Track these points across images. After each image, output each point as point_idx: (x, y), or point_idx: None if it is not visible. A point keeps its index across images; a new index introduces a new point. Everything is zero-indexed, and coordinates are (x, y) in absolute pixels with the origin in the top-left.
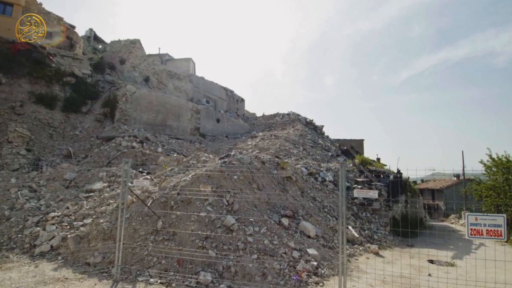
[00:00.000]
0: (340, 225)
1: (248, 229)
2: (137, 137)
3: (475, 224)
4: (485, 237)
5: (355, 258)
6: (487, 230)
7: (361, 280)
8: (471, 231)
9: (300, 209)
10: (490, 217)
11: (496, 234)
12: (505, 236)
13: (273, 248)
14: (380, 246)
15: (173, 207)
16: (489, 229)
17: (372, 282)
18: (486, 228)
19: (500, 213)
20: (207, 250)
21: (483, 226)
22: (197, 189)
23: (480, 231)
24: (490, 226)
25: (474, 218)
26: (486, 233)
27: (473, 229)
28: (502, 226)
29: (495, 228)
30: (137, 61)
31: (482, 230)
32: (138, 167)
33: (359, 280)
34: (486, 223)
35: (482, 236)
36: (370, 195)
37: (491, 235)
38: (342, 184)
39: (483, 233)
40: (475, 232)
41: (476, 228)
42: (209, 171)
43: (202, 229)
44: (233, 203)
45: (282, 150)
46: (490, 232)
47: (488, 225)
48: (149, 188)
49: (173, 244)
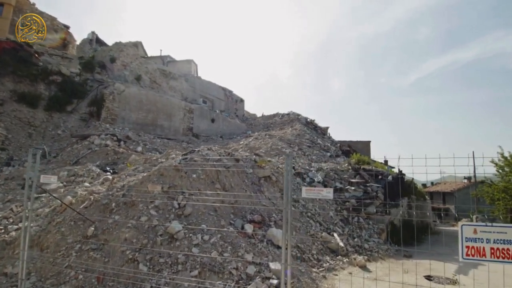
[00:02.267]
0: (284, 236)
1: (196, 237)
2: (115, 136)
3: (474, 240)
4: (489, 259)
5: (334, 273)
6: (492, 248)
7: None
8: (467, 250)
9: (274, 213)
10: (498, 228)
11: (506, 256)
12: None
13: (222, 262)
14: (369, 258)
15: (113, 210)
16: (496, 247)
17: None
18: (490, 246)
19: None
20: (138, 264)
21: (486, 242)
22: (145, 190)
23: (481, 250)
24: (498, 242)
25: (472, 230)
26: (491, 253)
27: (469, 247)
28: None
29: (506, 246)
30: (128, 59)
31: (484, 248)
32: (105, 166)
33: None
34: (491, 238)
35: (484, 258)
36: (323, 194)
37: (498, 257)
38: (287, 179)
39: (486, 253)
40: (473, 252)
41: (475, 246)
42: (163, 168)
43: (138, 238)
44: (185, 206)
45: (273, 150)
46: (497, 252)
47: (493, 241)
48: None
49: (100, 255)
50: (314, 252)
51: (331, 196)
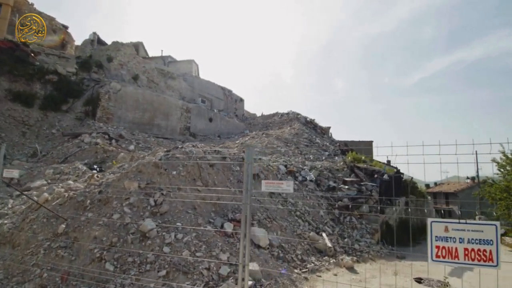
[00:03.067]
0: (242, 232)
1: (169, 236)
2: (107, 134)
3: (445, 239)
4: (462, 261)
5: (317, 275)
6: (466, 249)
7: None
8: (437, 251)
9: (259, 212)
10: (473, 226)
11: (483, 258)
12: (498, 261)
13: (193, 262)
14: (359, 259)
15: (87, 208)
16: (470, 248)
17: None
18: (463, 246)
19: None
20: (105, 263)
21: (459, 242)
22: (122, 187)
23: (453, 251)
24: (472, 242)
25: (442, 227)
26: (464, 255)
27: (439, 247)
28: (494, 243)
29: (482, 247)
30: (126, 59)
31: (457, 249)
32: (93, 164)
33: None
34: (465, 237)
35: (456, 261)
36: (283, 188)
37: (472, 259)
38: (247, 173)
39: (459, 255)
40: (443, 253)
41: (446, 246)
42: (141, 165)
43: (108, 236)
44: (162, 203)
45: (268, 148)
46: (472, 253)
47: (468, 240)
48: (74, 186)
49: (68, 253)
50: (299, 252)
51: (291, 189)
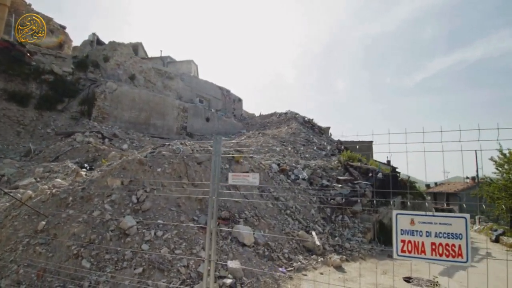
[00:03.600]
0: (208, 227)
1: (149, 233)
2: (100, 133)
3: (411, 233)
4: (429, 257)
5: (303, 273)
6: (433, 244)
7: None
8: (403, 245)
9: (247, 210)
10: (440, 219)
11: (450, 253)
12: (468, 257)
13: (171, 260)
14: (348, 258)
15: (69, 205)
16: (437, 242)
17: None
18: (430, 240)
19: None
20: (81, 260)
21: (426, 236)
22: (105, 184)
23: (419, 246)
24: (440, 236)
25: (408, 220)
26: (431, 249)
27: (405, 241)
28: (463, 236)
29: (449, 241)
30: (122, 58)
31: (424, 243)
32: (84, 163)
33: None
34: (432, 230)
35: (423, 256)
36: (249, 180)
37: (440, 254)
38: (215, 165)
39: (426, 249)
40: (409, 247)
41: (412, 240)
42: (126, 162)
43: (86, 232)
44: (144, 201)
45: (264, 147)
46: (440, 248)
47: (435, 234)
48: (58, 183)
49: (45, 250)
50: (286, 251)
51: (257, 182)
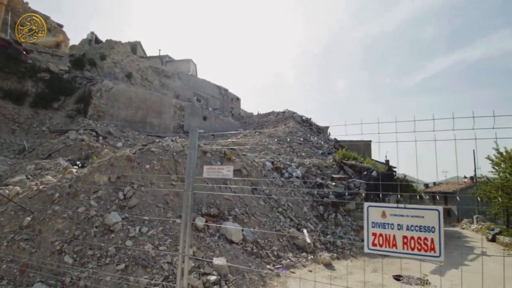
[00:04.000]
0: (183, 221)
1: (133, 230)
2: (94, 131)
3: (382, 226)
4: (400, 251)
5: (291, 271)
6: (405, 237)
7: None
8: (374, 238)
9: (237, 207)
10: (412, 211)
11: (423, 247)
12: (441, 251)
13: (155, 256)
14: (339, 255)
15: (55, 201)
16: (409, 236)
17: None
18: (402, 234)
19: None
20: (64, 255)
21: (398, 229)
22: (92, 180)
23: (391, 239)
24: (412, 229)
25: (380, 212)
26: (403, 243)
27: (376, 235)
28: (436, 230)
29: (421, 234)
30: (119, 57)
31: (395, 236)
32: (77, 160)
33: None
34: (403, 223)
35: (394, 250)
36: (223, 173)
37: (412, 248)
38: (191, 159)
39: (397, 243)
40: (381, 241)
41: (383, 233)
42: (113, 158)
43: (70, 228)
44: (131, 197)
45: (259, 146)
46: (411, 242)
47: (407, 227)
48: (46, 180)
49: (29, 245)
50: (276, 248)
51: (231, 175)
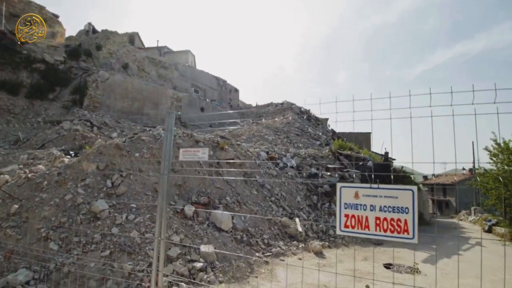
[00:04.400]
0: (159, 206)
1: (120, 217)
2: (89, 122)
3: (355, 207)
4: (373, 233)
5: (280, 259)
6: (378, 218)
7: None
8: (346, 220)
9: (228, 196)
10: (385, 191)
11: (396, 229)
12: (414, 233)
13: (140, 243)
14: (331, 244)
15: (43, 189)
16: (382, 217)
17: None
18: (375, 215)
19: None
20: (50, 242)
21: (370, 210)
22: (80, 168)
23: (363, 221)
24: (385, 210)
25: (353, 193)
26: (376, 225)
27: (349, 216)
28: (409, 211)
29: (395, 216)
30: (115, 47)
31: (368, 217)
32: (70, 150)
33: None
34: (376, 204)
35: (367, 231)
36: (199, 156)
37: (385, 230)
38: (167, 142)
39: (369, 225)
40: (353, 222)
41: (356, 214)
42: (102, 146)
43: (57, 216)
44: (119, 185)
45: (255, 136)
46: (384, 223)
47: (380, 208)
48: (36, 168)
49: (16, 232)
50: (266, 236)
51: (206, 157)
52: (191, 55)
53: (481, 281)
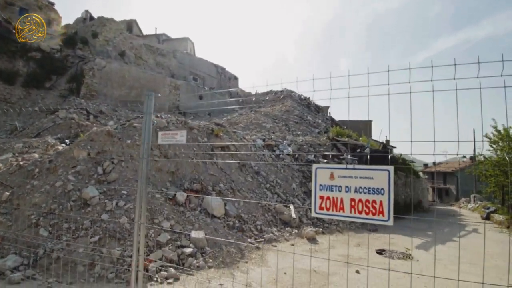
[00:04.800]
0: (139, 190)
1: (110, 203)
2: (85, 110)
3: (330, 188)
4: (348, 215)
5: (273, 244)
6: (353, 200)
7: (240, 278)
8: (321, 202)
9: (222, 183)
10: (361, 172)
11: (371, 211)
12: (390, 215)
13: (130, 229)
14: (325, 230)
15: (35, 176)
16: (357, 198)
17: (256, 280)
18: (350, 196)
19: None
20: (39, 229)
21: (346, 191)
22: (72, 155)
23: (338, 203)
24: (360, 191)
25: (328, 174)
26: (351, 206)
27: (324, 198)
28: (385, 192)
29: (370, 197)
30: (111, 34)
31: (343, 199)
32: (66, 139)
33: (236, 279)
34: (351, 185)
35: (341, 213)
36: (177, 138)
37: (360, 212)
38: (145, 124)
39: (344, 207)
40: (328, 204)
41: (331, 196)
42: (94, 133)
43: (47, 202)
44: (111, 172)
45: (253, 124)
46: (359, 205)
47: (355, 189)
48: (28, 156)
49: (6, 219)
50: (260, 223)
51: (184, 140)
52: (190, 42)
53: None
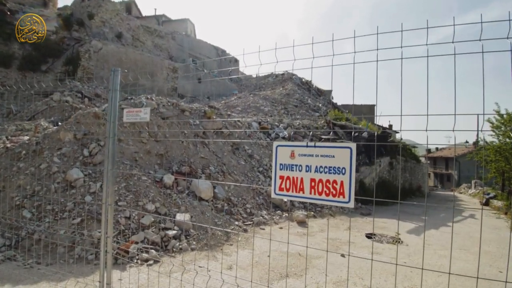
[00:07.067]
0: (105, 171)
1: (95, 185)
2: (79, 93)
3: (290, 167)
4: (308, 196)
5: (261, 228)
6: (313, 180)
7: (224, 261)
8: (281, 182)
9: (212, 166)
10: (322, 150)
11: (331, 192)
12: (350, 196)
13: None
14: (317, 214)
15: (21, 158)
16: (318, 178)
17: (238, 264)
18: (310, 176)
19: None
20: (23, 210)
21: (306, 171)
22: (58, 137)
23: (298, 183)
24: (321, 171)
25: (289, 152)
26: (311, 187)
27: (284, 178)
28: (346, 171)
29: (331, 177)
30: (108, 15)
31: (303, 180)
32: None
33: (218, 261)
34: (312, 164)
35: (301, 195)
36: (141, 116)
37: (320, 193)
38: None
39: (304, 187)
40: (288, 185)
41: (291, 176)
42: (80, 115)
43: (31, 184)
44: (96, 154)
45: (251, 107)
46: (319, 185)
47: (315, 168)
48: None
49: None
50: (249, 206)
51: (148, 118)
52: (190, 24)
53: (479, 257)
